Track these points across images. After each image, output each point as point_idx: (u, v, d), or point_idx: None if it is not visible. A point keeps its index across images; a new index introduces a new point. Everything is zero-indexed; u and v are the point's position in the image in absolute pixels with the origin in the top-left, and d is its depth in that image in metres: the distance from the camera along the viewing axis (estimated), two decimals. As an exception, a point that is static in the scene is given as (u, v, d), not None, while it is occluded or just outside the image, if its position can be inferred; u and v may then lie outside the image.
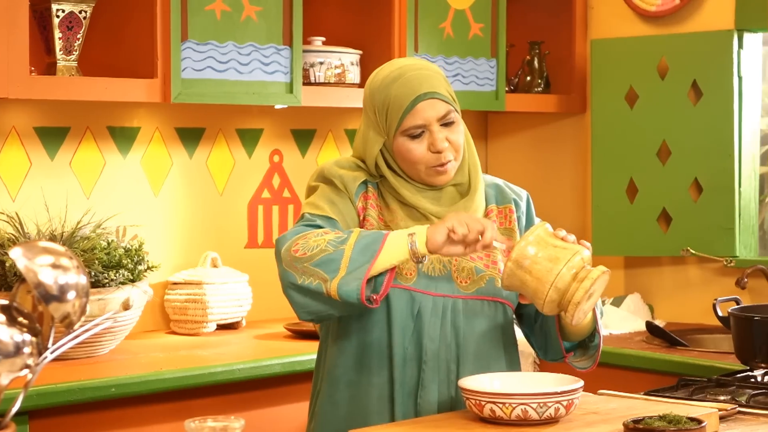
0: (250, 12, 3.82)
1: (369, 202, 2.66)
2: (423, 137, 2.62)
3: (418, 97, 2.60)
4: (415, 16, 4.23)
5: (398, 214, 2.65)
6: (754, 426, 2.62)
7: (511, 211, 2.77)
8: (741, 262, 4.28)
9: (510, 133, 5.01)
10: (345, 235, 2.51)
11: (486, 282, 2.65)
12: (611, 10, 4.66)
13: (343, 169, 2.67)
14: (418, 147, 2.62)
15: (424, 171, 2.63)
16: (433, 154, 2.61)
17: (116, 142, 3.96)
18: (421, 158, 2.62)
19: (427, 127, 2.61)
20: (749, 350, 3.21)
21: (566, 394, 2.42)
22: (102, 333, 3.45)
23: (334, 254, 2.48)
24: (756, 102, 4.41)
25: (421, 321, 2.61)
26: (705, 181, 4.36)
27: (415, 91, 2.61)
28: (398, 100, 2.61)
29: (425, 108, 2.61)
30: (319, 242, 2.51)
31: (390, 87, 2.63)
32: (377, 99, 2.65)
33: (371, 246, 2.49)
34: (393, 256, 2.50)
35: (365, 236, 2.51)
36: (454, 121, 2.64)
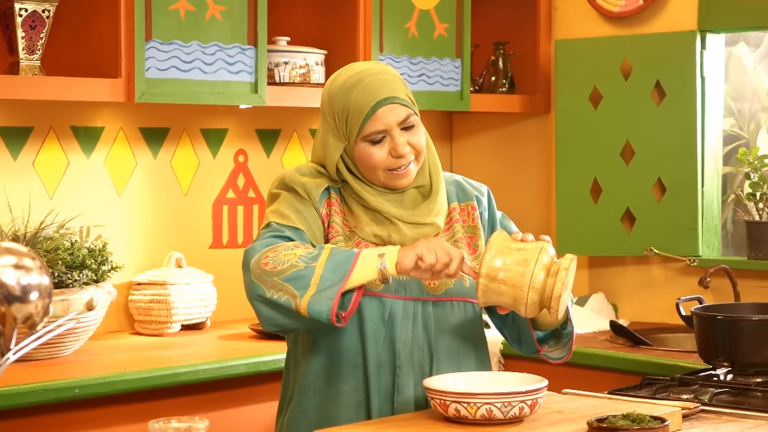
0: (215, 12, 3.81)
1: (333, 208, 2.66)
2: (384, 142, 2.62)
3: (378, 103, 2.60)
4: (380, 17, 4.23)
5: (363, 219, 2.65)
6: (716, 424, 2.64)
7: (473, 208, 2.77)
8: (704, 261, 4.31)
9: (475, 133, 5.02)
10: (316, 252, 2.51)
11: (454, 282, 2.66)
12: (575, 11, 4.68)
13: (304, 177, 2.66)
14: (378, 152, 2.62)
15: (384, 175, 2.64)
16: (394, 158, 2.62)
17: (80, 142, 3.94)
18: (381, 163, 2.62)
19: (388, 132, 2.62)
20: (712, 349, 3.23)
21: (530, 394, 2.43)
22: (65, 334, 3.44)
23: (305, 271, 2.47)
24: (718, 102, 4.44)
25: (392, 326, 2.62)
26: (668, 181, 4.39)
27: (375, 96, 2.60)
28: (358, 106, 2.61)
29: (385, 113, 2.60)
30: (289, 257, 2.49)
31: (349, 93, 2.62)
32: (336, 105, 2.64)
33: (343, 265, 2.48)
34: (363, 276, 2.49)
35: (336, 254, 2.50)
36: (414, 124, 2.64)
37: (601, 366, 3.83)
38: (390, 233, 2.64)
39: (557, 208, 4.62)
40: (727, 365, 3.19)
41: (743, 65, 5.07)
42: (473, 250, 2.72)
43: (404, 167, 2.63)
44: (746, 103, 5.12)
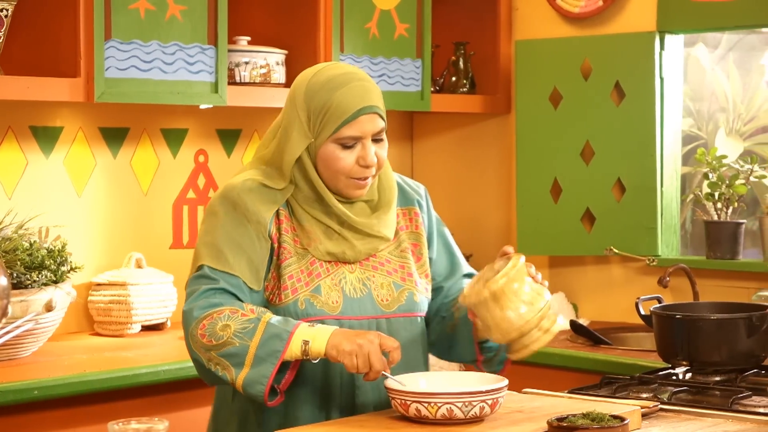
0: (175, 11, 3.79)
1: (282, 226, 2.60)
2: (354, 149, 2.59)
3: (362, 109, 2.57)
4: (341, 16, 4.23)
5: (314, 235, 2.60)
6: (675, 423, 2.65)
7: (416, 213, 2.76)
8: (663, 261, 4.33)
9: (435, 133, 5.03)
10: (251, 326, 2.46)
11: (405, 298, 2.66)
12: (535, 12, 4.69)
13: (253, 195, 2.58)
14: (347, 157, 2.58)
15: (344, 182, 2.60)
16: (360, 167, 2.59)
17: (39, 141, 3.92)
18: (347, 168, 2.58)
19: (362, 140, 2.59)
20: (671, 348, 3.24)
21: (491, 393, 2.44)
22: (24, 335, 3.41)
23: (240, 348, 2.45)
24: (677, 103, 4.46)
25: None
26: (628, 181, 4.41)
27: (361, 102, 2.58)
28: (341, 106, 2.57)
29: (365, 121, 2.58)
30: (225, 332, 2.47)
31: (334, 91, 2.58)
32: (316, 100, 2.59)
33: (275, 346, 2.45)
34: (295, 355, 2.46)
35: (269, 332, 2.45)
36: (383, 138, 2.63)
37: (561, 365, 3.84)
38: (344, 250, 2.61)
39: (517, 208, 4.63)
40: (686, 364, 3.21)
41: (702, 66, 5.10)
42: (417, 257, 2.71)
43: (366, 178, 2.61)
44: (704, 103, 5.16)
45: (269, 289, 2.59)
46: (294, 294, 2.56)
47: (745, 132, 5.13)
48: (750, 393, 2.89)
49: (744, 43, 5.10)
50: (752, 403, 2.84)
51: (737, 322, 3.15)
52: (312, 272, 2.59)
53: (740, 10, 4.16)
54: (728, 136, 5.11)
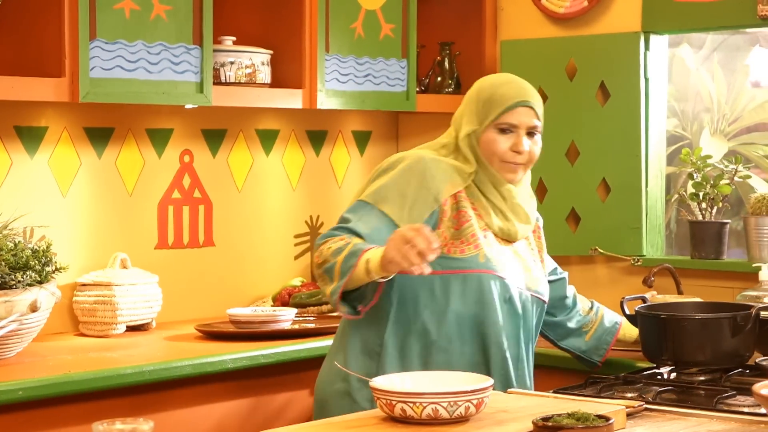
0: (160, 11, 3.79)
1: (461, 195, 3.03)
2: (510, 135, 3.06)
3: (521, 101, 3.06)
4: (326, 17, 4.23)
5: (488, 210, 3.05)
6: (660, 422, 2.66)
7: (538, 227, 3.24)
8: (648, 261, 4.34)
9: (421, 133, 5.03)
10: (343, 245, 2.86)
11: (541, 284, 3.16)
12: (520, 12, 4.70)
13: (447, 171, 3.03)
14: (503, 141, 3.05)
15: (498, 164, 3.05)
16: (513, 152, 3.05)
17: (23, 142, 3.91)
18: (501, 151, 3.04)
19: (517, 129, 3.06)
20: (656, 348, 3.25)
21: (476, 393, 2.44)
22: (9, 335, 3.41)
23: (332, 264, 2.85)
24: (662, 103, 4.47)
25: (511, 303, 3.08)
26: (613, 181, 4.41)
27: (521, 95, 3.07)
28: (503, 97, 3.06)
29: (522, 112, 3.06)
30: (328, 252, 2.87)
31: (499, 86, 3.09)
32: (484, 92, 3.09)
33: (351, 262, 2.81)
34: (360, 272, 2.81)
35: (351, 251, 2.83)
36: (537, 134, 3.10)
37: (546, 365, 3.84)
38: (509, 227, 3.07)
39: (503, 208, 4.63)
40: (671, 364, 3.22)
41: (686, 66, 5.12)
42: (541, 259, 3.21)
43: (517, 165, 3.06)
44: (689, 103, 5.18)
45: (446, 246, 2.97)
46: (477, 248, 2.99)
47: (729, 132, 5.15)
48: (734, 392, 2.90)
49: (728, 43, 5.11)
50: (737, 403, 2.84)
51: (722, 321, 3.16)
52: (487, 237, 3.02)
53: (725, 10, 4.17)
54: (713, 136, 5.14)
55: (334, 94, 4.26)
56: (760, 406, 2.64)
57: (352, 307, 2.92)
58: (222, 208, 4.41)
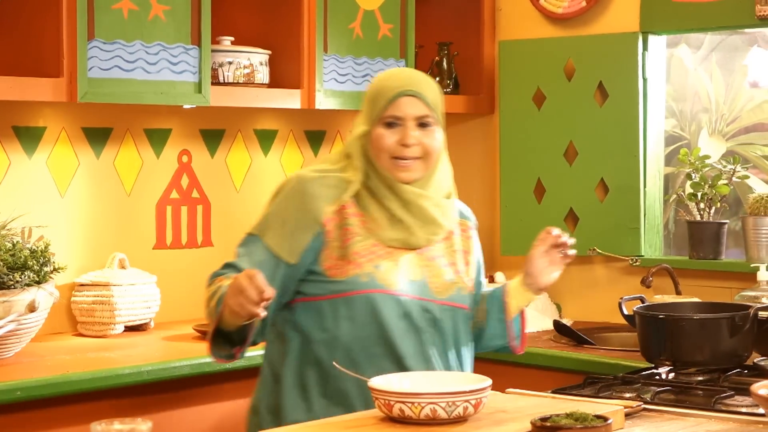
0: (158, 11, 3.79)
1: (347, 211, 2.81)
2: (397, 129, 2.82)
3: (404, 91, 2.82)
4: (325, 17, 4.22)
5: (380, 222, 2.82)
6: (658, 422, 2.66)
7: (468, 227, 3.00)
8: (646, 261, 4.34)
9: (419, 133, 5.02)
10: (217, 289, 2.73)
11: (455, 290, 2.88)
12: (519, 12, 4.70)
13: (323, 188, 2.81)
14: (389, 136, 2.82)
15: (388, 162, 2.82)
16: (400, 146, 2.81)
17: (21, 142, 3.91)
18: (388, 146, 2.81)
19: (404, 121, 2.82)
20: (654, 348, 3.25)
21: (474, 393, 2.44)
22: (7, 335, 3.40)
23: (210, 310, 2.75)
24: (660, 103, 4.48)
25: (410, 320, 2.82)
26: (611, 181, 4.42)
27: (404, 85, 2.83)
28: (386, 89, 2.84)
29: (405, 103, 2.82)
30: (208, 297, 2.77)
31: (385, 79, 2.89)
32: (371, 89, 2.88)
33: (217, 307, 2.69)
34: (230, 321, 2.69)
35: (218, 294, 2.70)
36: (430, 125, 2.85)
37: (544, 365, 3.85)
38: (406, 236, 2.83)
39: (501, 208, 4.64)
40: (669, 364, 3.22)
41: (684, 66, 5.12)
42: (466, 262, 2.94)
43: (408, 160, 2.82)
44: (687, 104, 5.18)
45: (332, 266, 2.78)
46: (359, 267, 2.77)
47: (727, 132, 5.16)
48: (733, 393, 2.90)
49: (727, 43, 5.12)
50: (735, 403, 2.84)
51: (720, 322, 3.16)
52: (375, 252, 2.80)
53: (723, 10, 4.17)
54: (711, 136, 5.14)
55: (333, 94, 4.26)
56: (758, 406, 2.64)
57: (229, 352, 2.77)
58: (220, 208, 4.41)
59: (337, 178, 2.84)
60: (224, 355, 2.78)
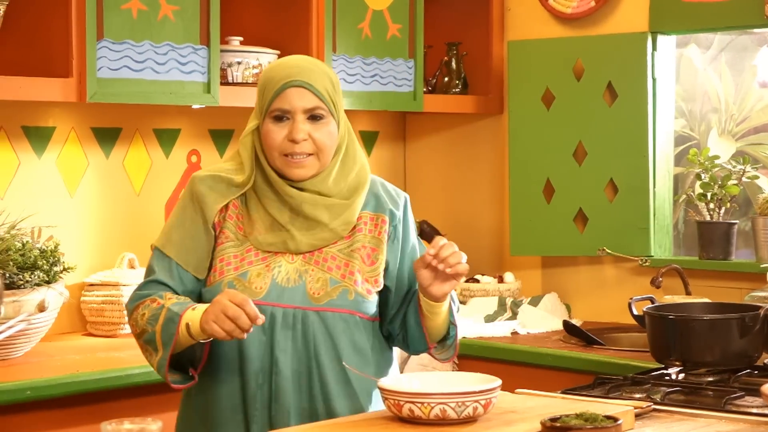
0: (167, 11, 3.79)
1: (228, 213, 2.68)
2: (285, 123, 2.64)
3: (289, 82, 2.63)
4: (333, 17, 4.22)
5: (257, 227, 2.66)
6: (668, 423, 2.65)
7: (383, 221, 2.73)
8: (656, 261, 4.33)
9: (428, 133, 5.03)
10: (158, 311, 2.59)
11: (338, 294, 2.66)
12: (528, 12, 4.69)
13: (207, 189, 2.67)
14: (278, 131, 2.64)
15: (279, 159, 2.65)
16: (289, 142, 2.63)
17: (31, 141, 3.91)
18: (276, 143, 2.64)
19: (292, 115, 2.64)
20: (664, 348, 3.25)
21: (484, 393, 2.44)
22: (17, 335, 3.41)
23: (151, 334, 2.60)
24: (670, 103, 4.47)
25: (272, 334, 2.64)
26: (620, 181, 4.41)
27: (290, 75, 2.64)
28: (272, 81, 2.65)
29: (293, 95, 2.63)
30: (142, 320, 2.62)
31: (272, 69, 2.68)
32: (260, 79, 2.70)
33: (170, 330, 2.56)
34: (185, 337, 2.57)
35: (167, 316, 2.57)
36: (322, 117, 2.65)
37: (554, 366, 3.84)
38: (284, 240, 2.65)
39: (510, 208, 4.63)
40: (679, 364, 3.21)
41: (694, 66, 5.11)
42: (371, 261, 2.69)
43: (299, 156, 2.63)
44: (697, 104, 5.16)
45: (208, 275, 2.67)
46: (221, 276, 2.63)
47: (737, 132, 5.14)
48: (743, 393, 2.89)
49: (736, 43, 5.10)
50: (745, 404, 2.84)
51: (730, 322, 3.15)
52: (244, 259, 2.64)
53: (732, 10, 4.16)
54: (720, 136, 5.12)
55: (342, 94, 4.25)
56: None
57: (185, 372, 2.65)
58: (229, 209, 4.41)
59: (226, 178, 2.68)
60: (182, 380, 2.66)
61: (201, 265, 2.66)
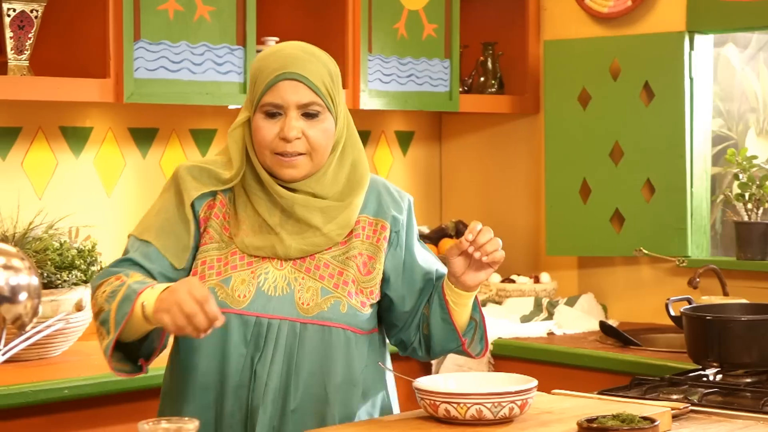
0: (204, 12, 3.80)
1: (213, 211, 2.47)
2: (278, 120, 2.42)
3: (282, 74, 2.41)
4: (369, 17, 4.23)
5: (243, 228, 2.45)
6: (706, 425, 2.64)
7: (383, 227, 2.53)
8: (693, 261, 4.31)
9: (464, 133, 5.02)
10: (118, 288, 2.33)
11: (330, 306, 2.46)
12: (564, 12, 4.68)
13: (192, 178, 2.48)
14: (269, 128, 2.42)
15: (270, 158, 2.43)
16: (280, 140, 2.41)
17: (69, 142, 3.94)
18: (267, 140, 2.42)
19: (285, 111, 2.42)
20: (701, 349, 3.23)
21: (520, 394, 2.43)
22: (54, 334, 3.43)
23: (106, 313, 2.32)
24: (707, 103, 4.44)
25: (254, 346, 2.44)
26: (657, 181, 4.39)
27: (284, 67, 2.42)
28: (264, 72, 2.43)
29: (286, 88, 2.41)
30: (101, 298, 2.36)
31: (265, 58, 2.45)
32: (253, 69, 2.48)
33: (125, 309, 2.29)
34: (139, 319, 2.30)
35: (125, 294, 2.30)
36: (317, 114, 2.43)
37: (590, 366, 3.83)
38: (273, 244, 2.44)
39: (546, 208, 4.62)
40: (717, 365, 3.20)
41: (732, 66, 5.08)
42: (368, 271, 2.50)
43: (291, 155, 2.42)
44: (735, 103, 5.14)
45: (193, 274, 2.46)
46: (202, 281, 2.40)
47: (775, 132, 5.11)
48: (781, 395, 2.88)
49: (774, 42, 5.07)
50: (783, 405, 2.82)
51: (768, 323, 3.14)
52: (228, 263, 2.44)
53: (771, 9, 4.14)
54: (758, 136, 5.09)
55: (377, 95, 4.26)
56: (807, 408, 2.62)
57: (133, 362, 2.42)
58: (265, 209, 4.42)
59: (213, 171, 2.48)
60: (128, 370, 2.42)
61: (180, 254, 2.44)
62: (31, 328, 2.16)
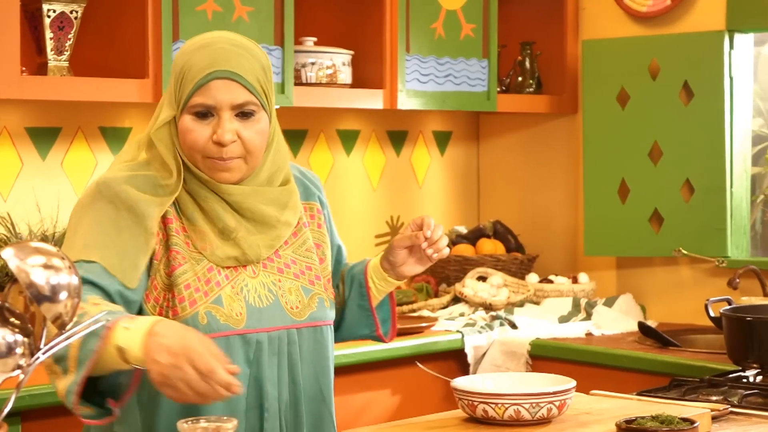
0: (242, 12, 3.81)
1: (171, 227, 2.23)
2: (210, 121, 2.22)
3: (214, 72, 2.21)
4: (407, 17, 4.23)
5: (209, 237, 2.24)
6: (746, 426, 2.62)
7: (318, 211, 2.44)
8: (733, 262, 4.29)
9: (502, 133, 5.01)
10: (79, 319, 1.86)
11: (317, 304, 2.35)
12: (602, 11, 4.66)
13: (135, 190, 2.21)
14: (200, 130, 2.22)
15: (202, 162, 2.24)
16: (214, 144, 2.22)
17: (108, 142, 3.96)
18: (198, 144, 2.22)
19: (217, 112, 2.22)
20: (741, 351, 3.21)
21: (559, 395, 2.42)
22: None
23: (64, 349, 1.92)
24: (747, 102, 4.42)
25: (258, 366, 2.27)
26: (697, 181, 4.37)
27: (214, 65, 2.21)
28: (194, 69, 2.21)
29: (219, 88, 2.21)
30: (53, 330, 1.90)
31: (194, 53, 2.24)
32: (178, 63, 2.25)
33: (91, 345, 1.98)
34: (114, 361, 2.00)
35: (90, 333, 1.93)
36: (253, 113, 2.24)
37: (629, 367, 3.81)
38: (243, 250, 2.26)
39: (585, 208, 4.61)
40: (757, 367, 3.17)
41: (772, 65, 5.04)
42: (321, 259, 2.40)
43: (226, 160, 2.23)
44: (775, 103, 5.10)
45: (158, 302, 2.21)
46: (193, 306, 2.19)
47: (816, 132, 5.07)
48: (822, 396, 2.86)
49: (815, 41, 5.03)
50: (825, 407, 2.80)
51: (809, 324, 3.11)
52: (210, 280, 2.23)
53: (812, 8, 4.11)
54: (799, 135, 5.05)
55: (415, 95, 4.26)
56: None
57: (99, 405, 2.08)
58: (303, 209, 4.42)
59: (150, 177, 2.24)
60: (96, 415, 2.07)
61: (131, 273, 2.17)
62: (71, 327, 2.05)
